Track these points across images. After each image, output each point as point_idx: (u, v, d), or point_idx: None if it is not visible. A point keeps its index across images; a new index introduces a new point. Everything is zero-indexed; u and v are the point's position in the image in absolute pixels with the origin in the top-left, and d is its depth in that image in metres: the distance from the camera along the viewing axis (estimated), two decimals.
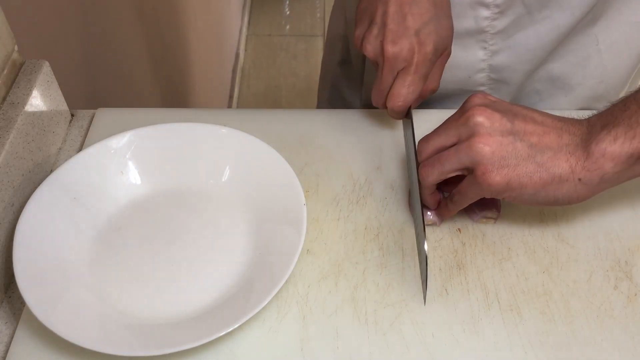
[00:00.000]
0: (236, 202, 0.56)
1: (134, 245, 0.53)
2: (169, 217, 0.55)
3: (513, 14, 0.62)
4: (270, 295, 0.46)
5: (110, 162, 0.56)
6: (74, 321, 0.45)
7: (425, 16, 0.52)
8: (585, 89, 0.70)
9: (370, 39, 0.53)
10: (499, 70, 0.67)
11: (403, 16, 0.52)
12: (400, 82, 0.54)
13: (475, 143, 0.46)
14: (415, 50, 0.52)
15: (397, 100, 0.54)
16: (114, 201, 0.55)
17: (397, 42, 0.52)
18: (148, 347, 0.45)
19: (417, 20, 0.52)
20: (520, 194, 0.47)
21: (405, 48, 0.52)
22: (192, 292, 0.50)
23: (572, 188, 0.47)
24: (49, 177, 0.52)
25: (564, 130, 0.47)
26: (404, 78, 0.54)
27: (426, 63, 0.53)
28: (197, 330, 0.46)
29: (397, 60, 0.53)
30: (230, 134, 0.57)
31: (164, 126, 0.58)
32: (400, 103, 0.55)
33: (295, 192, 0.53)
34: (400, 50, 0.52)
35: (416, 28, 0.52)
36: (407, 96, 0.54)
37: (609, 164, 0.45)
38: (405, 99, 0.54)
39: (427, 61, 0.53)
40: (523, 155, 0.46)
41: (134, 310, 0.48)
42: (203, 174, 0.57)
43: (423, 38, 0.52)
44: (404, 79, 0.54)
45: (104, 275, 0.50)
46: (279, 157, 0.55)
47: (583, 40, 0.66)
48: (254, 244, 0.53)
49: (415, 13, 0.52)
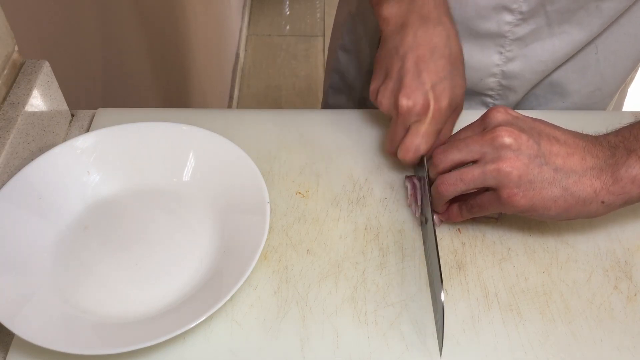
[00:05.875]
0: (200, 199, 0.56)
1: (100, 244, 0.53)
2: (135, 216, 0.55)
3: (534, 23, 0.63)
4: (236, 287, 0.46)
5: (76, 162, 0.56)
6: (39, 323, 0.45)
7: (441, 73, 0.52)
8: (582, 96, 0.71)
9: (386, 93, 0.53)
10: (510, 77, 0.68)
11: (419, 72, 0.52)
12: (413, 133, 0.53)
13: (503, 167, 0.46)
14: (430, 104, 0.52)
15: (408, 150, 0.54)
16: (80, 200, 0.55)
17: (411, 97, 0.51)
18: (115, 345, 0.44)
19: (432, 76, 0.52)
20: (543, 215, 0.48)
21: (419, 103, 0.51)
22: (158, 289, 0.50)
23: (593, 208, 0.47)
24: (14, 177, 0.52)
25: (586, 152, 0.47)
26: (417, 129, 0.53)
27: (441, 117, 0.53)
28: (164, 325, 0.46)
29: (411, 114, 0.52)
30: (192, 131, 0.58)
31: (128, 126, 0.58)
32: (411, 154, 0.54)
33: (258, 187, 0.53)
34: (414, 104, 0.51)
35: (432, 83, 0.52)
36: (418, 147, 0.53)
37: (636, 189, 0.46)
38: (416, 150, 0.53)
39: (441, 115, 0.53)
40: (549, 179, 0.47)
41: (101, 309, 0.48)
42: (167, 173, 0.58)
43: (438, 93, 0.52)
44: (417, 130, 0.53)
45: (69, 275, 0.50)
46: (242, 153, 0.56)
47: (584, 49, 0.67)
48: (219, 239, 0.53)
49: (432, 70, 0.52)
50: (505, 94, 0.70)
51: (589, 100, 0.71)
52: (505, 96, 0.70)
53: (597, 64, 0.68)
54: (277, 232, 0.54)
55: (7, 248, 0.49)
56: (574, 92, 0.71)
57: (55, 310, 0.47)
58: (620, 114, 0.71)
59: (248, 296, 0.50)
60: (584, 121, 0.55)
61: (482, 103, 0.72)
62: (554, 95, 0.71)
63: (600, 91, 0.71)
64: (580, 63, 0.68)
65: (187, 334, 0.47)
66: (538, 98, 0.72)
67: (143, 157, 0.58)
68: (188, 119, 0.59)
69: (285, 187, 0.58)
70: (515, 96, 0.70)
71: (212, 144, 0.57)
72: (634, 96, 0.90)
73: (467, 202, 0.52)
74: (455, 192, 0.50)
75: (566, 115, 0.66)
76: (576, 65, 0.68)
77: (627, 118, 0.58)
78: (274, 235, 0.54)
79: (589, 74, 0.69)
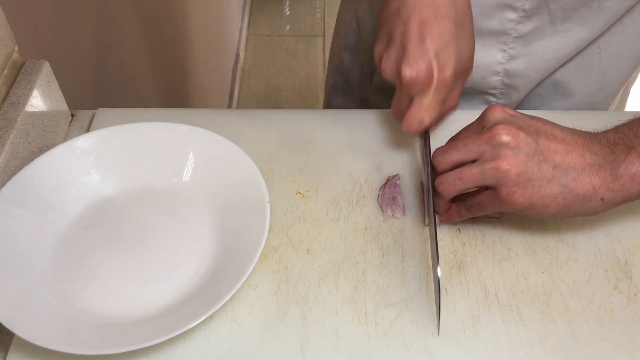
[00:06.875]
0: (200, 199, 0.56)
1: (100, 244, 0.53)
2: (135, 216, 0.55)
3: (537, 20, 0.63)
4: (236, 287, 0.46)
5: (76, 162, 0.56)
6: (39, 323, 0.45)
7: (446, 37, 0.50)
8: (585, 95, 0.71)
9: (388, 60, 0.52)
10: (513, 75, 0.68)
11: (422, 37, 0.50)
12: (417, 105, 0.52)
13: (501, 165, 0.46)
14: (433, 74, 0.51)
15: (412, 124, 0.53)
16: (80, 201, 0.55)
17: (414, 66, 0.50)
18: (115, 345, 0.44)
19: (436, 42, 0.50)
20: (542, 213, 0.48)
21: (422, 73, 0.50)
22: (158, 289, 0.50)
23: (592, 206, 0.47)
24: (14, 177, 0.52)
25: (585, 149, 0.47)
26: (421, 101, 0.52)
27: (445, 87, 0.52)
28: (164, 325, 0.46)
29: (414, 85, 0.51)
30: (192, 131, 0.58)
31: (128, 126, 0.58)
32: (415, 127, 0.54)
33: (258, 187, 0.53)
34: (417, 74, 0.50)
35: (435, 50, 0.50)
36: (422, 120, 0.53)
37: (636, 186, 0.46)
38: (420, 123, 0.53)
39: (445, 85, 0.52)
40: (547, 177, 0.46)
41: (101, 309, 0.48)
42: (167, 173, 0.58)
43: (442, 61, 0.51)
44: (420, 102, 0.52)
45: (69, 275, 0.50)
46: (242, 153, 0.56)
47: (587, 48, 0.67)
48: (219, 239, 0.53)
49: (435, 34, 0.50)
50: (508, 92, 0.70)
51: (592, 99, 0.71)
52: (508, 95, 0.70)
53: (600, 64, 0.68)
54: (277, 232, 0.54)
55: (7, 248, 0.49)
56: (577, 91, 0.70)
57: (55, 310, 0.47)
58: (620, 114, 0.71)
59: (248, 296, 0.50)
60: (585, 121, 0.55)
61: (485, 102, 0.71)
62: (557, 94, 0.71)
63: (603, 90, 0.71)
64: (583, 62, 0.68)
65: (187, 334, 0.47)
66: (541, 97, 0.72)
67: (143, 157, 0.58)
68: (188, 119, 0.59)
69: (285, 187, 0.58)
70: (518, 95, 0.70)
71: (212, 144, 0.57)
72: (637, 95, 0.90)
73: (466, 202, 0.51)
74: (454, 191, 0.49)
75: (567, 115, 0.66)
76: (579, 65, 0.68)
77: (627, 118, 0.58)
78: (274, 235, 0.54)
79: (591, 74, 0.69)
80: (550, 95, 0.72)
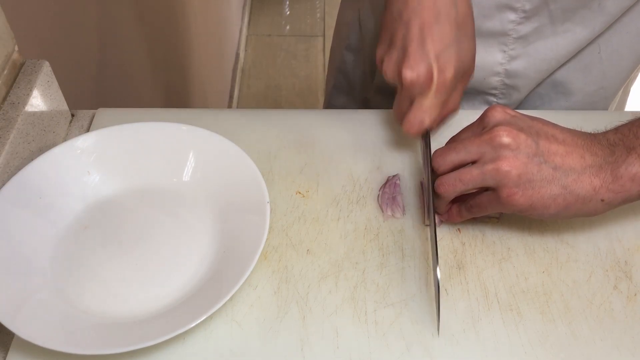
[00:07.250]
0: (200, 199, 0.56)
1: (100, 244, 0.53)
2: (135, 216, 0.55)
3: (537, 21, 0.63)
4: (236, 287, 0.46)
5: (76, 162, 0.56)
6: (39, 323, 0.45)
7: (446, 39, 0.51)
8: (585, 94, 0.71)
9: (390, 63, 0.53)
10: (514, 76, 0.68)
11: (423, 40, 0.50)
12: (417, 107, 0.53)
13: (502, 166, 0.46)
14: (434, 77, 0.51)
15: (412, 125, 0.54)
16: (80, 200, 0.55)
17: (414, 68, 0.50)
18: (115, 345, 0.44)
19: (437, 44, 0.50)
20: (542, 214, 0.48)
21: (422, 74, 0.50)
22: (158, 289, 0.50)
23: (592, 207, 0.47)
24: (14, 177, 0.52)
25: (585, 150, 0.47)
26: (421, 103, 0.52)
27: (445, 89, 0.52)
28: (164, 325, 0.46)
29: (414, 86, 0.51)
30: (192, 131, 0.58)
31: (128, 126, 0.58)
32: (415, 128, 0.54)
33: (258, 187, 0.53)
34: (417, 76, 0.51)
35: (436, 52, 0.50)
36: (422, 121, 0.53)
37: (636, 187, 0.46)
38: (420, 124, 0.53)
39: (445, 87, 0.52)
40: (548, 178, 0.46)
41: (101, 309, 0.48)
42: (167, 173, 0.58)
43: (442, 63, 0.51)
44: (420, 104, 0.52)
45: (69, 275, 0.50)
46: (242, 153, 0.56)
47: (587, 48, 0.67)
48: (219, 239, 0.53)
49: (436, 36, 0.50)
50: (509, 92, 0.70)
51: (592, 98, 0.71)
52: (509, 95, 0.70)
53: (600, 63, 0.68)
54: (277, 232, 0.54)
55: (7, 248, 0.49)
56: (578, 91, 0.71)
57: (55, 310, 0.47)
58: (620, 114, 0.71)
59: (248, 296, 0.50)
60: (585, 121, 0.55)
61: (486, 102, 0.71)
62: (557, 94, 0.71)
63: (604, 90, 0.71)
64: (583, 62, 0.68)
65: (187, 334, 0.47)
66: (542, 97, 0.72)
67: (143, 157, 0.58)
68: (188, 119, 0.59)
69: (285, 187, 0.58)
70: (518, 95, 0.70)
71: (212, 144, 0.57)
72: (637, 95, 0.90)
73: (467, 203, 0.51)
74: (454, 192, 0.49)
75: (567, 115, 0.66)
76: (579, 64, 0.68)
77: (627, 118, 0.58)
78: (274, 235, 0.54)
79: (592, 73, 0.69)
80: (550, 95, 0.72)
